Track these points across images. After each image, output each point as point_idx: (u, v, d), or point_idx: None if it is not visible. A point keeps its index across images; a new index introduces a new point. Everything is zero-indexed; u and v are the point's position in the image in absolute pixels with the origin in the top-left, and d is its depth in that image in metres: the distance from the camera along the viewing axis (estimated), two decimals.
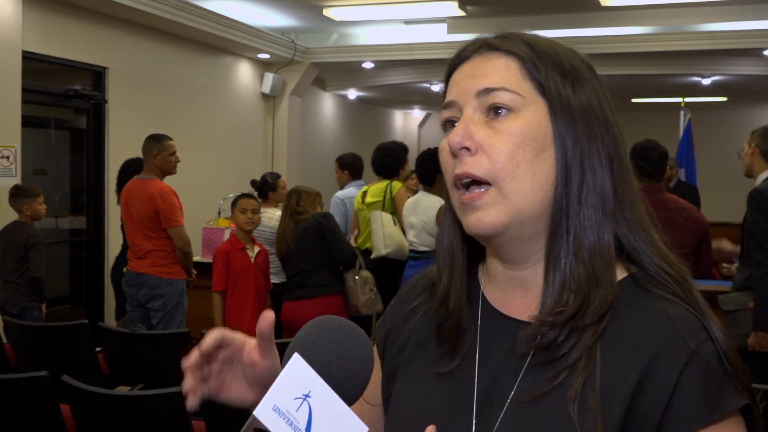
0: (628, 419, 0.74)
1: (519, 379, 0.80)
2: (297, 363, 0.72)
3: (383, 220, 4.92)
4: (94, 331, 3.67)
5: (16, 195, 4.56)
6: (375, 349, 0.98)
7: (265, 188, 5.22)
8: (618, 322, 0.78)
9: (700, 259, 3.64)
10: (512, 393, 0.80)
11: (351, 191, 5.50)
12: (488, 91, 0.80)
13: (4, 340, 3.96)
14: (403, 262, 4.92)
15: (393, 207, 5.05)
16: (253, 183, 5.31)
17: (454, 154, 0.81)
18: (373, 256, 4.95)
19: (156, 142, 4.54)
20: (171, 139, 4.59)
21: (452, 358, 0.86)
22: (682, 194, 4.63)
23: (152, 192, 4.41)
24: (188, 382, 0.78)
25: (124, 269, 4.72)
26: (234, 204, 4.45)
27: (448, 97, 0.85)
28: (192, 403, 0.79)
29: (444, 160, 0.84)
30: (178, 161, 4.63)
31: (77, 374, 2.63)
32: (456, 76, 0.85)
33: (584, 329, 0.77)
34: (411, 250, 4.78)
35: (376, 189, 5.15)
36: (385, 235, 4.88)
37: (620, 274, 0.82)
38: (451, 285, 0.88)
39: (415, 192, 5.37)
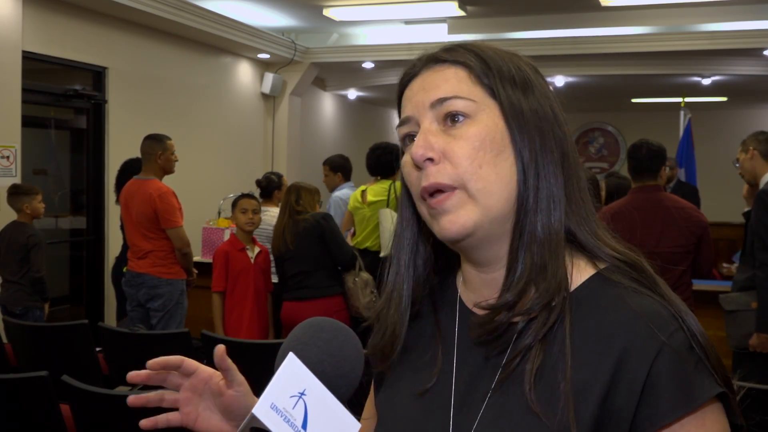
0: (602, 416, 0.74)
1: (497, 377, 0.81)
2: (292, 362, 0.73)
3: (393, 218, 4.91)
4: (94, 331, 3.67)
5: (15, 194, 4.56)
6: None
7: (271, 187, 5.23)
8: (588, 318, 0.79)
9: (700, 258, 3.58)
10: (490, 392, 0.81)
11: (348, 192, 5.52)
12: (441, 101, 0.83)
13: (5, 340, 3.96)
14: None
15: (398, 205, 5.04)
16: (259, 183, 5.33)
17: (418, 167, 0.83)
18: (382, 254, 4.95)
19: (158, 142, 4.54)
20: (170, 138, 4.61)
21: (430, 371, 0.88)
22: (682, 194, 4.62)
23: (151, 192, 4.42)
24: (131, 398, 0.91)
25: (124, 269, 4.73)
26: (234, 204, 4.46)
27: (404, 113, 0.87)
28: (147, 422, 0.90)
29: (408, 174, 0.86)
30: (177, 160, 4.65)
31: (77, 374, 2.63)
32: (408, 93, 0.88)
33: (535, 314, 0.79)
34: None
35: (378, 188, 5.14)
36: None
37: (588, 270, 0.83)
38: (388, 311, 0.91)
39: None
